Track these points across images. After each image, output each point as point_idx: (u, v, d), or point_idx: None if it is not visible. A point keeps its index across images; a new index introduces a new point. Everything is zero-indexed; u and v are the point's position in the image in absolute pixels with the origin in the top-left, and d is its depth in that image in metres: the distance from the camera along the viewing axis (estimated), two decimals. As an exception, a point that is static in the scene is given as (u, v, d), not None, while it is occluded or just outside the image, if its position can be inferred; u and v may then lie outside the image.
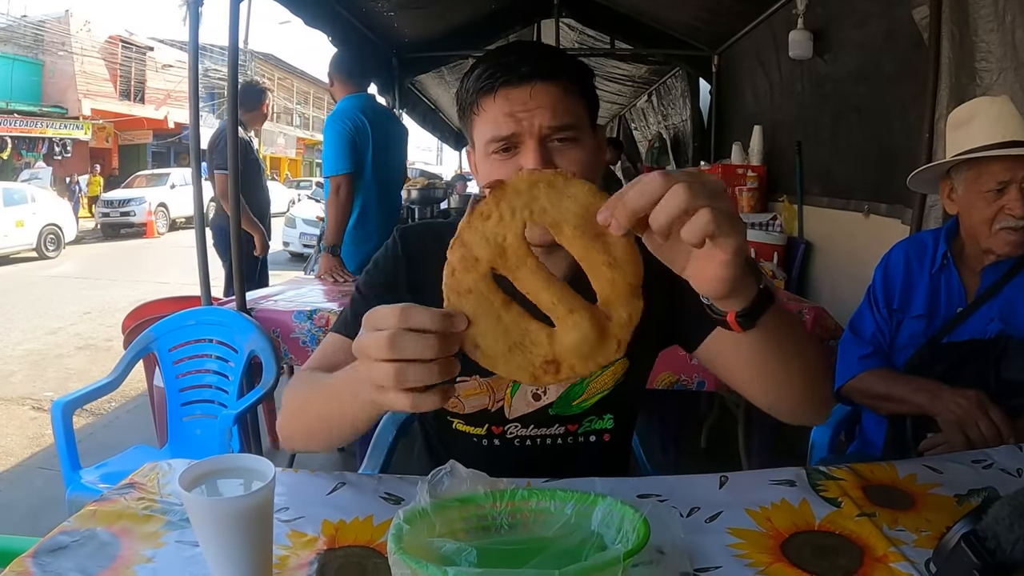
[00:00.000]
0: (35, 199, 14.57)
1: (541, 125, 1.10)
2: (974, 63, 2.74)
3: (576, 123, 1.13)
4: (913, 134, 3.17)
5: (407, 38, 6.62)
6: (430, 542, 0.86)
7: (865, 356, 1.82)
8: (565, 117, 1.11)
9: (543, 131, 1.10)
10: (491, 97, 1.12)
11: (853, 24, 4.01)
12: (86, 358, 6.15)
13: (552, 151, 1.12)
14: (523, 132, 1.10)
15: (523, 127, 1.10)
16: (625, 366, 1.27)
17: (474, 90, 1.14)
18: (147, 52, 25.70)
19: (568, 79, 1.13)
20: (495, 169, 1.13)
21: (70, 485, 2.19)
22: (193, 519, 0.82)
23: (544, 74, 1.10)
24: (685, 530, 0.97)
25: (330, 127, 3.56)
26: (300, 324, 2.84)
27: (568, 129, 1.12)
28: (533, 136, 1.10)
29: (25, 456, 3.94)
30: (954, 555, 0.68)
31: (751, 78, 5.82)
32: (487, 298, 0.77)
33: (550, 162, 1.10)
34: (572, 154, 1.12)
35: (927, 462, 1.22)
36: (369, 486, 1.14)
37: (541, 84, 1.10)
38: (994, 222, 1.63)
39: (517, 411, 1.27)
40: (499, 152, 1.13)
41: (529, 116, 1.10)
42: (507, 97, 1.11)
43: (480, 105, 1.14)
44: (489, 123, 1.13)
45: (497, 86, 1.11)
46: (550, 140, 1.11)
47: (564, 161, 1.11)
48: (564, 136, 1.12)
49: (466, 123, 1.21)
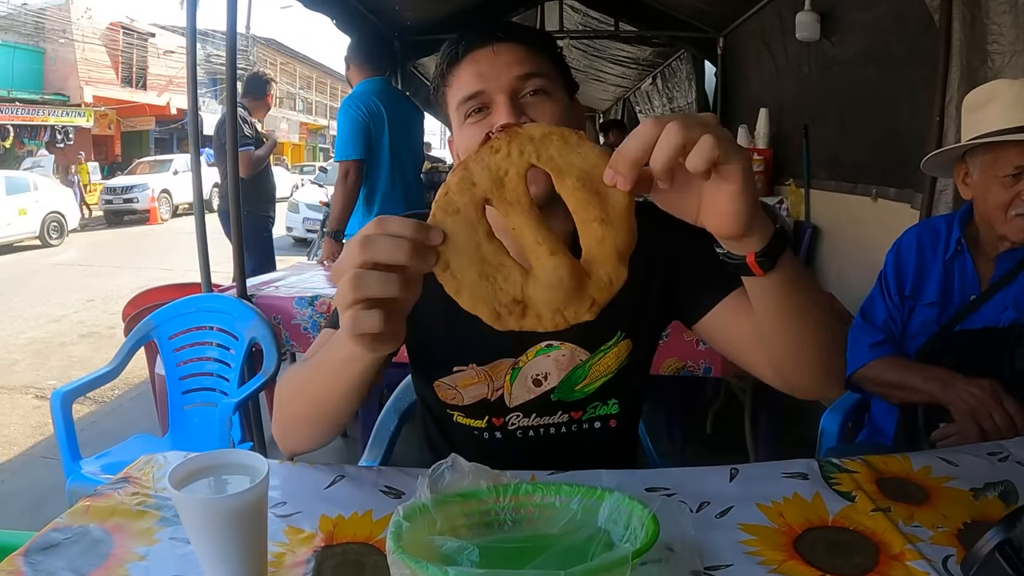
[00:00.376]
0: (38, 187, 14.54)
1: (510, 78, 1.09)
2: (985, 45, 2.69)
3: (545, 73, 1.12)
4: (922, 117, 3.12)
5: (409, 20, 6.56)
6: (431, 540, 0.83)
7: (876, 343, 1.79)
8: (532, 66, 1.11)
9: (513, 84, 1.09)
10: (457, 65, 1.13)
11: (861, 5, 3.96)
12: (89, 346, 6.14)
13: (524, 106, 1.10)
14: (492, 90, 1.09)
15: (490, 84, 1.09)
16: (629, 348, 1.24)
17: (441, 67, 1.16)
18: (148, 38, 25.62)
19: (534, 42, 1.14)
20: (471, 134, 1.11)
21: (70, 475, 2.18)
22: (184, 518, 0.80)
23: (508, 33, 1.12)
24: (695, 526, 0.94)
25: (344, 112, 3.54)
26: (301, 310, 2.82)
27: (537, 78, 1.11)
28: (503, 90, 1.09)
29: (28, 445, 3.94)
30: (987, 565, 0.64)
31: (757, 60, 5.77)
32: (472, 223, 0.74)
33: (521, 114, 1.09)
34: (545, 107, 1.11)
35: (941, 454, 1.19)
36: (368, 479, 1.11)
37: (506, 42, 1.11)
38: (1010, 208, 1.58)
39: (518, 398, 1.24)
40: (472, 115, 1.12)
41: (495, 71, 1.09)
42: (472, 59, 1.11)
43: (448, 77, 1.15)
44: (459, 88, 1.12)
45: (461, 52, 1.12)
46: (521, 95, 1.10)
47: (537, 114, 1.09)
48: (535, 88, 1.11)
49: (440, 103, 1.20)
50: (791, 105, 5.11)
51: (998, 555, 0.65)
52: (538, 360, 1.22)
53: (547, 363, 1.22)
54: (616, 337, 1.22)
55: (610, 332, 1.22)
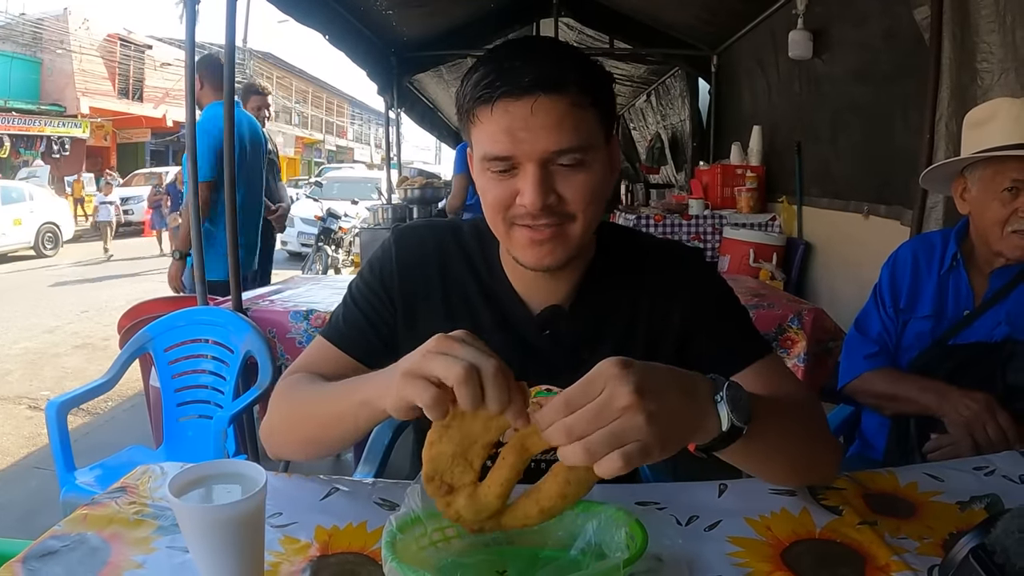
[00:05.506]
0: (33, 197, 14.54)
1: (543, 149, 0.98)
2: (975, 63, 2.73)
3: (584, 143, 1.00)
4: (913, 135, 3.16)
5: (405, 36, 6.61)
6: (424, 551, 0.85)
7: (871, 355, 1.81)
8: (571, 139, 0.99)
9: (544, 155, 0.99)
10: (488, 108, 0.99)
11: (853, 24, 4.01)
12: (83, 357, 6.13)
13: (554, 175, 1.01)
14: (521, 154, 0.99)
15: (522, 149, 0.99)
16: None
17: (471, 97, 1.02)
18: (146, 50, 25.65)
19: (578, 89, 0.99)
20: (491, 187, 1.04)
21: (64, 486, 2.17)
22: (183, 526, 0.81)
23: (549, 85, 0.97)
24: (684, 538, 0.95)
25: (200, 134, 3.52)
26: (296, 324, 2.83)
27: (573, 152, 1.00)
28: (533, 160, 0.99)
29: (21, 456, 3.93)
30: (962, 569, 0.66)
31: (750, 78, 5.82)
32: (488, 427, 0.81)
33: (551, 190, 1.01)
34: (576, 181, 1.02)
35: (928, 469, 1.21)
36: (363, 491, 1.12)
37: (545, 97, 0.97)
38: (1007, 224, 1.60)
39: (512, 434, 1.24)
40: (496, 172, 1.03)
41: (530, 137, 0.98)
42: (506, 111, 0.98)
43: (477, 115, 1.02)
44: (486, 137, 1.01)
45: (496, 96, 0.98)
46: (552, 164, 1.00)
47: (567, 189, 1.01)
48: (569, 162, 1.00)
49: (464, 128, 1.10)
50: (784, 122, 5.16)
51: (972, 559, 0.66)
52: (537, 400, 1.21)
53: None
54: None
55: None
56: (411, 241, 1.23)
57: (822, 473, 1.10)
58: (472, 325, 1.18)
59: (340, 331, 1.22)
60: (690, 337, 1.19)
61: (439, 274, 1.21)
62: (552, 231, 1.03)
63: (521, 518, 0.81)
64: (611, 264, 1.20)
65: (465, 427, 0.80)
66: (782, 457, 1.01)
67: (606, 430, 0.72)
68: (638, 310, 1.19)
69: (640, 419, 0.73)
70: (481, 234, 1.20)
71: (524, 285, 1.18)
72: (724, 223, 5.15)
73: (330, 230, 9.90)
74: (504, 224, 1.06)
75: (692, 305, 1.18)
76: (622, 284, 1.19)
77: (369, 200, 10.64)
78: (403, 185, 5.84)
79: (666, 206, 6.17)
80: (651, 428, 0.73)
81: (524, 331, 1.18)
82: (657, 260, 1.21)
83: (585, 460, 0.73)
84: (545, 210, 1.01)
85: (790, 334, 2.69)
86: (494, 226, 1.09)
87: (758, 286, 3.50)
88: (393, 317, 1.21)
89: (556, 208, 1.02)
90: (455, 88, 1.15)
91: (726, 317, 1.20)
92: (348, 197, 11.85)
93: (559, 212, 1.03)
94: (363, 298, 1.22)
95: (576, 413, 0.73)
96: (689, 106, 7.72)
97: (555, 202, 1.02)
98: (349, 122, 45.73)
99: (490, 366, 0.77)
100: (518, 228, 1.05)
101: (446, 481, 0.81)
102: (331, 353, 1.20)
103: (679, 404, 0.78)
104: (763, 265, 4.68)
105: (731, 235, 4.97)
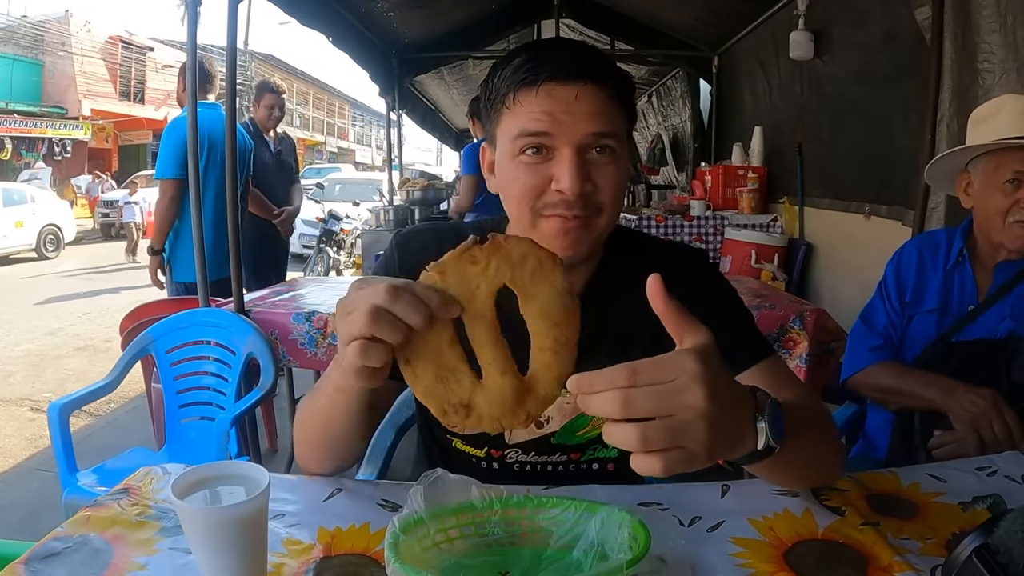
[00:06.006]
0: (35, 199, 14.56)
1: (584, 132, 1.02)
2: (976, 64, 2.73)
3: (618, 132, 1.05)
4: (914, 135, 3.16)
5: (407, 38, 6.61)
6: (427, 552, 0.85)
7: (876, 348, 1.80)
8: (609, 125, 1.03)
9: (584, 139, 1.02)
10: (533, 90, 1.02)
11: (854, 25, 4.01)
12: (85, 359, 6.14)
13: (590, 163, 1.04)
14: (560, 136, 1.02)
15: (562, 130, 1.01)
16: None
17: (513, 81, 1.04)
18: (147, 52, 25.70)
19: (617, 85, 1.04)
20: (522, 173, 1.05)
21: (67, 487, 2.18)
22: (186, 527, 0.81)
23: (595, 75, 1.02)
24: (687, 539, 0.95)
25: (167, 133, 3.63)
26: (298, 326, 2.83)
27: (611, 138, 1.04)
28: (571, 144, 1.02)
29: (23, 457, 3.93)
30: (965, 569, 0.66)
31: (751, 79, 5.82)
32: (438, 327, 0.81)
33: (587, 177, 1.03)
34: (610, 171, 1.05)
35: (930, 470, 1.21)
36: (366, 492, 1.13)
37: (591, 85, 1.01)
38: (1008, 215, 1.61)
39: (518, 437, 1.23)
40: (528, 153, 1.04)
41: (571, 119, 1.01)
42: (550, 94, 1.01)
43: (517, 98, 1.04)
44: (523, 117, 1.03)
45: (542, 80, 1.01)
46: (588, 151, 1.03)
47: (602, 178, 1.04)
48: (604, 145, 1.04)
49: (492, 117, 1.11)
50: (785, 123, 5.16)
51: (976, 560, 0.65)
52: None
53: (551, 407, 1.21)
54: None
55: None
56: (413, 246, 1.23)
57: (827, 476, 1.11)
58: None
59: None
60: None
61: None
62: (581, 222, 1.05)
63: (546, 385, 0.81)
64: (617, 263, 1.21)
65: (420, 349, 0.80)
66: (799, 466, 1.01)
67: (667, 423, 0.68)
68: (643, 309, 1.19)
69: (702, 426, 0.69)
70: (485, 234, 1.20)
71: None
72: (725, 224, 5.15)
73: (332, 232, 9.89)
74: (531, 214, 1.07)
75: (695, 306, 1.18)
76: (628, 283, 1.20)
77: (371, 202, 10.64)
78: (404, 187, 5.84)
79: (667, 207, 6.17)
80: (707, 438, 0.69)
81: None
82: (661, 260, 1.21)
83: (636, 446, 0.67)
84: (581, 198, 1.03)
85: (792, 335, 2.69)
86: (519, 216, 1.09)
87: (760, 287, 3.50)
88: None
89: (591, 197, 1.04)
90: (456, 90, 1.16)
91: (729, 318, 1.20)
92: (350, 199, 11.85)
93: (592, 203, 1.05)
94: None
95: (640, 388, 0.68)
96: (690, 107, 7.72)
97: (591, 190, 1.04)
98: (351, 124, 45.77)
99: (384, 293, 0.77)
100: (546, 219, 1.06)
101: (454, 403, 0.81)
102: None
103: (734, 420, 0.75)
104: (765, 266, 4.68)
105: (732, 236, 4.97)
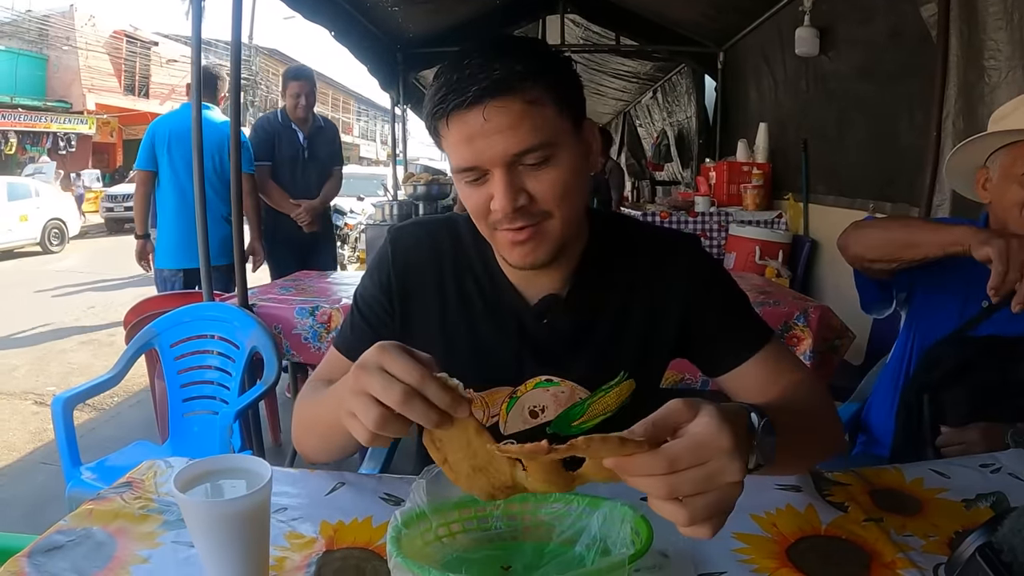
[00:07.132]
0: (39, 193, 14.58)
1: (504, 152, 0.98)
2: (982, 61, 2.72)
3: (546, 140, 0.99)
4: (920, 132, 3.15)
5: (411, 33, 6.60)
6: (429, 546, 0.85)
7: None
8: (531, 138, 0.98)
9: (506, 158, 0.98)
10: (445, 123, 1.00)
11: (860, 21, 3.99)
12: (89, 353, 6.15)
13: (523, 175, 1.01)
14: (484, 161, 0.99)
15: (484, 157, 0.99)
16: (631, 388, 1.22)
17: (429, 114, 1.03)
18: (152, 47, 25.73)
19: (531, 86, 0.97)
20: (468, 196, 1.06)
21: (70, 481, 2.18)
22: (188, 521, 0.81)
23: (496, 90, 0.96)
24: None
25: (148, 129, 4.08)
26: (302, 320, 2.83)
27: (535, 151, 0.99)
28: (497, 165, 0.99)
29: (27, 451, 3.94)
30: (968, 567, 0.65)
31: (757, 75, 5.80)
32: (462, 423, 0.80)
33: (521, 189, 1.01)
34: (545, 178, 1.01)
35: (934, 466, 1.20)
36: (369, 486, 1.13)
37: (494, 103, 0.96)
38: None
39: (513, 427, 1.22)
40: (470, 182, 1.04)
41: (487, 143, 0.98)
42: (462, 121, 0.98)
43: (437, 128, 1.03)
44: (451, 150, 1.03)
45: (449, 110, 0.98)
46: (517, 165, 1.00)
47: (537, 187, 1.01)
48: (534, 160, 1.00)
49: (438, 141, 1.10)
50: (790, 120, 5.14)
51: (979, 558, 0.65)
52: (536, 392, 1.20)
53: (545, 397, 1.20)
54: (619, 377, 1.20)
55: (613, 372, 1.20)
56: (407, 242, 1.24)
57: (826, 458, 1.11)
58: (470, 318, 1.19)
59: (347, 340, 1.24)
60: (689, 321, 1.19)
61: (436, 271, 1.21)
62: (530, 231, 1.04)
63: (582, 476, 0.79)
64: (605, 250, 1.20)
65: (448, 440, 0.81)
66: (791, 464, 1.01)
67: (710, 498, 0.71)
68: (634, 295, 1.20)
69: (737, 492, 0.72)
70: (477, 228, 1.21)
71: (520, 276, 1.18)
72: (730, 220, 5.14)
73: (336, 226, 9.90)
74: (487, 228, 1.08)
75: (688, 289, 1.19)
76: (617, 268, 1.20)
77: (375, 196, 10.64)
78: (409, 181, 5.83)
79: (672, 203, 6.16)
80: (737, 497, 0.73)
81: (522, 321, 1.19)
82: (650, 245, 1.22)
83: (685, 522, 0.71)
84: (519, 212, 1.02)
85: (796, 331, 2.68)
86: (481, 230, 1.11)
87: (764, 283, 3.50)
88: (393, 320, 1.22)
89: (529, 208, 1.03)
90: None
91: (727, 309, 1.20)
92: (354, 193, 11.84)
93: (533, 212, 1.03)
94: (366, 305, 1.24)
95: (683, 475, 0.70)
96: (695, 103, 7.71)
97: (527, 202, 1.02)
98: (355, 118, 45.72)
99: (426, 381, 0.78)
100: (500, 231, 1.06)
101: (498, 487, 0.80)
102: (342, 363, 1.20)
103: None
104: (769, 262, 4.67)
105: (737, 232, 4.96)
